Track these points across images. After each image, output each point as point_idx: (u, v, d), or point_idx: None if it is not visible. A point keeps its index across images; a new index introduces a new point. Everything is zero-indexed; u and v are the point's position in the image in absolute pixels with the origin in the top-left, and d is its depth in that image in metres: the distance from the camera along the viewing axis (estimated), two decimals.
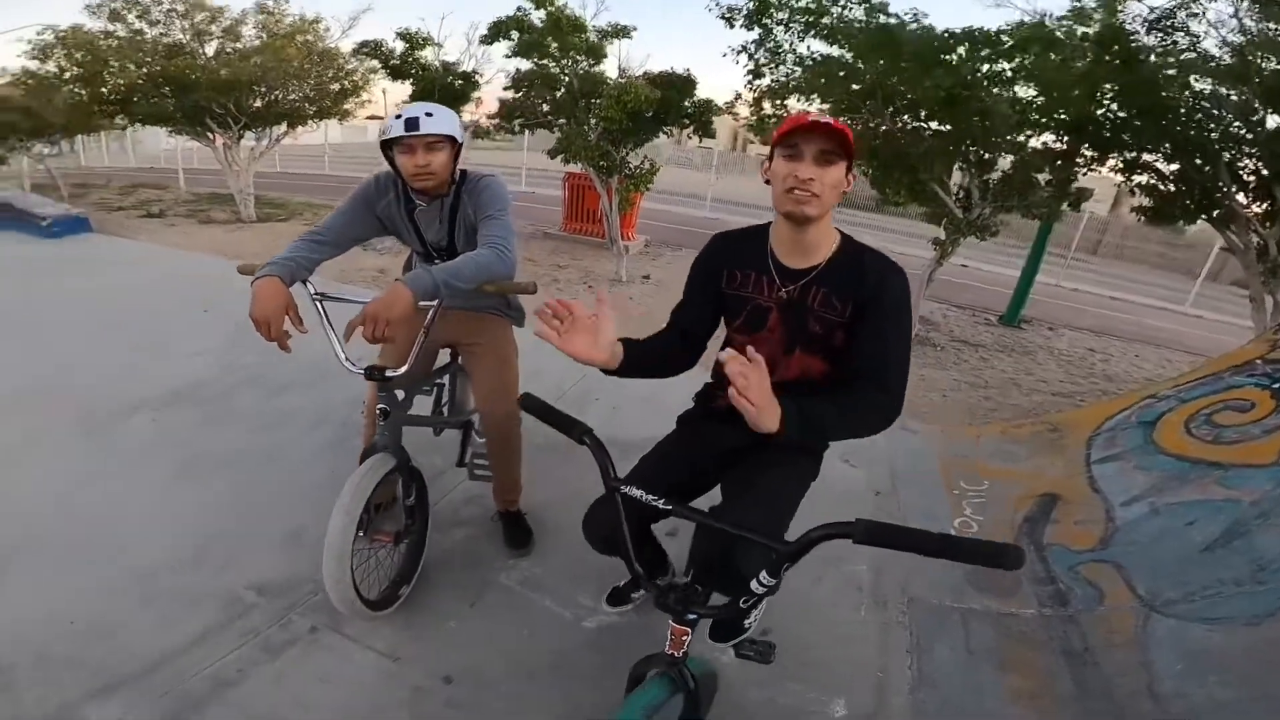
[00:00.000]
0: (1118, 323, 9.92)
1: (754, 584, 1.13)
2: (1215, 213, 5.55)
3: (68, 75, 9.77)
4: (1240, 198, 5.33)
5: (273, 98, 9.92)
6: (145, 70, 9.21)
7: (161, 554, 2.23)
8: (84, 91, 9.76)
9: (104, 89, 9.54)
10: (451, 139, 1.84)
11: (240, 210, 10.31)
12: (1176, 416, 2.98)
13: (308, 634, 1.96)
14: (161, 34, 9.46)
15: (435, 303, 1.72)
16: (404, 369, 1.83)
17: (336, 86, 10.48)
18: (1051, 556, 2.43)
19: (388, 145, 1.84)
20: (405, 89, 8.58)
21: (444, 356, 2.45)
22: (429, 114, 1.78)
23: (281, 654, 1.89)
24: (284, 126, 10.60)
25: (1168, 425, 2.94)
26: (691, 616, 1.22)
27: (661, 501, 1.23)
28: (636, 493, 1.24)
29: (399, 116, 1.79)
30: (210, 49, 9.73)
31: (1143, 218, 6.43)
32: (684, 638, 1.23)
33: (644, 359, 1.44)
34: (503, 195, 1.93)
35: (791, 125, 1.34)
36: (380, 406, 1.89)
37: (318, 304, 1.81)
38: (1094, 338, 8.25)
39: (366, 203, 1.97)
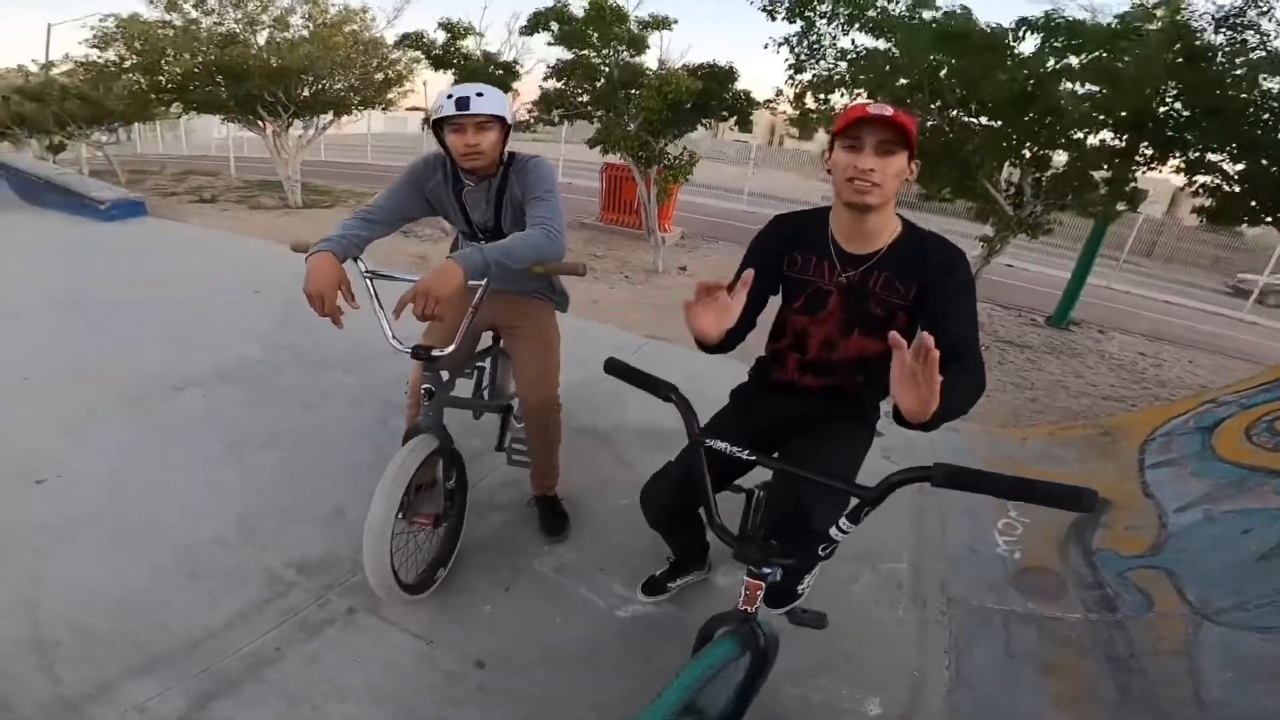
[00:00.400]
0: (1171, 327, 9.59)
1: (833, 530, 1.15)
2: None
3: (127, 64, 10.10)
4: None
5: (320, 86, 10.13)
6: (200, 59, 9.47)
7: (207, 531, 2.26)
8: (143, 80, 10.08)
9: (161, 77, 9.84)
10: (501, 119, 1.83)
11: (288, 196, 10.58)
12: (1236, 423, 2.87)
13: (345, 614, 1.97)
14: (215, 23, 9.71)
15: (484, 281, 1.72)
16: (451, 349, 1.83)
17: (381, 76, 10.66)
18: (1100, 561, 2.36)
19: (438, 124, 1.85)
20: (447, 79, 8.63)
21: (485, 340, 2.46)
22: (480, 94, 1.78)
23: (319, 634, 1.90)
24: (330, 115, 10.82)
25: (1227, 431, 2.83)
26: (768, 570, 1.23)
27: (746, 453, 1.27)
28: (721, 445, 1.28)
29: (450, 96, 1.79)
30: (261, 38, 9.97)
31: (1204, 219, 6.22)
32: (758, 592, 1.25)
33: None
34: (550, 176, 1.93)
35: (853, 117, 1.34)
36: (425, 387, 1.90)
37: (368, 281, 1.83)
38: (1146, 342, 7.97)
39: (415, 182, 1.98)
